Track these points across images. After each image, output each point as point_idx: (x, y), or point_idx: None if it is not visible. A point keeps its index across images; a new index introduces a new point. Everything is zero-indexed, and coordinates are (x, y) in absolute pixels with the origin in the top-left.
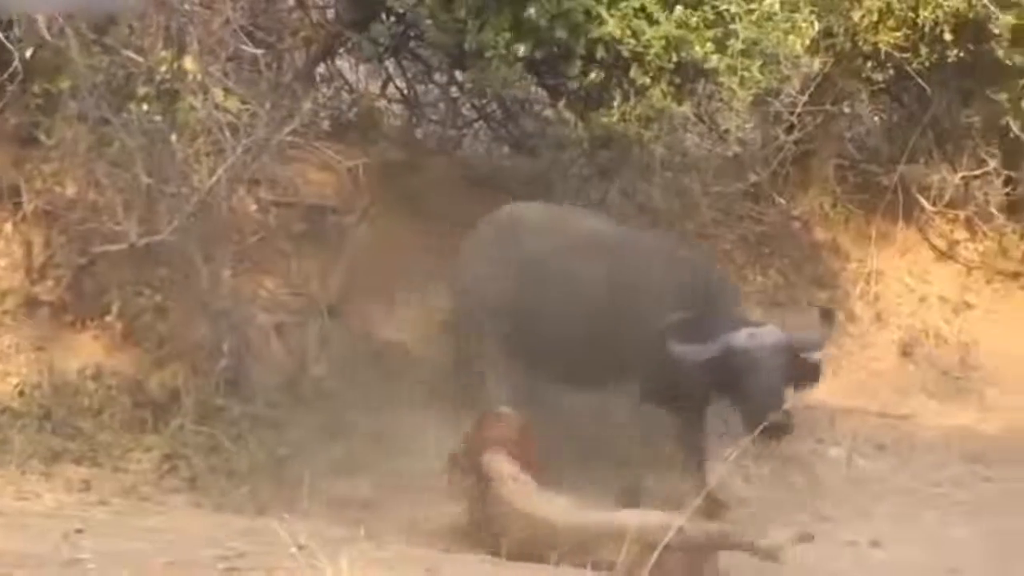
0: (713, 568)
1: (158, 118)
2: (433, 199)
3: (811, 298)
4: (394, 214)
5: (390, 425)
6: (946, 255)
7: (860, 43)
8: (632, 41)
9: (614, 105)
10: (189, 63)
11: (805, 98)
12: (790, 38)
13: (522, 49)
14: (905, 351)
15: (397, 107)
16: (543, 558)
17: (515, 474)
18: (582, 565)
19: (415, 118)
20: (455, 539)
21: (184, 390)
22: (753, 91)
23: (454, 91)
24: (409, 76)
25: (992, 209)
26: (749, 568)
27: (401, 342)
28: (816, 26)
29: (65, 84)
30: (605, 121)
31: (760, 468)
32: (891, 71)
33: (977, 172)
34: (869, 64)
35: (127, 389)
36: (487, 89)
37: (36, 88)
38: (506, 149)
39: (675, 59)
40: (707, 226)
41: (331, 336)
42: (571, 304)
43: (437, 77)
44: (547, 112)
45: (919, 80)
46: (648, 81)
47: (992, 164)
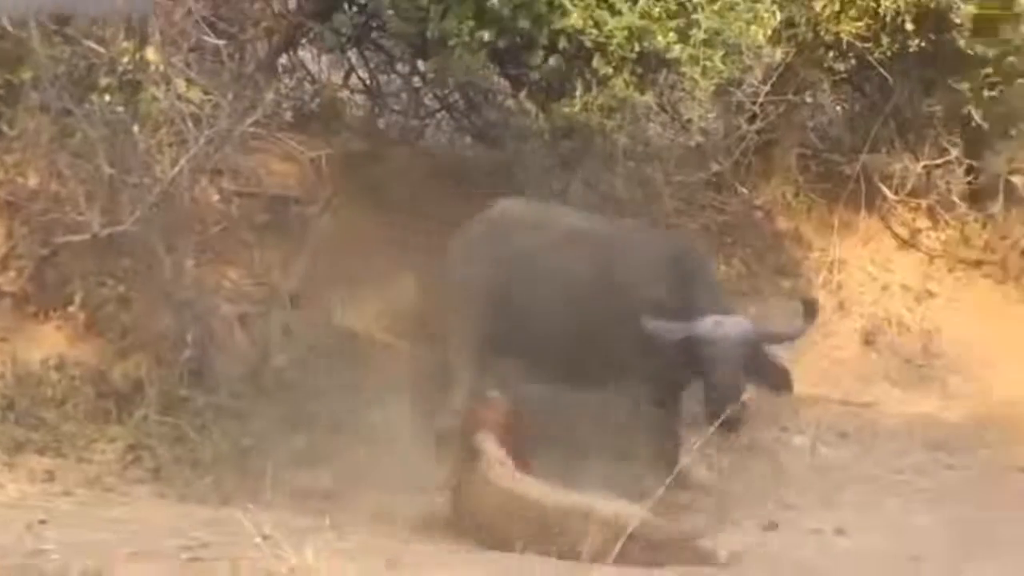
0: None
1: (120, 109)
2: (395, 190)
3: (775, 287)
4: (357, 205)
5: (353, 415)
6: (908, 244)
7: (822, 33)
8: (595, 31)
9: (576, 95)
10: (151, 54)
11: (767, 88)
12: (752, 28)
13: (487, 35)
14: (868, 339)
15: (359, 97)
16: (509, 546)
17: (502, 458)
18: (547, 553)
19: (377, 108)
20: (417, 529)
21: (148, 380)
22: (715, 81)
23: (416, 81)
24: (371, 66)
25: (954, 198)
26: None
27: (363, 333)
28: (778, 16)
29: (27, 75)
30: (567, 111)
31: (724, 457)
32: (853, 61)
33: (939, 161)
34: (831, 54)
35: (90, 379)
36: (450, 79)
37: None
38: (468, 140)
39: (637, 49)
40: (670, 216)
41: (294, 326)
42: (559, 299)
43: (399, 67)
44: (509, 103)
45: (881, 70)
46: (610, 71)
47: (954, 153)
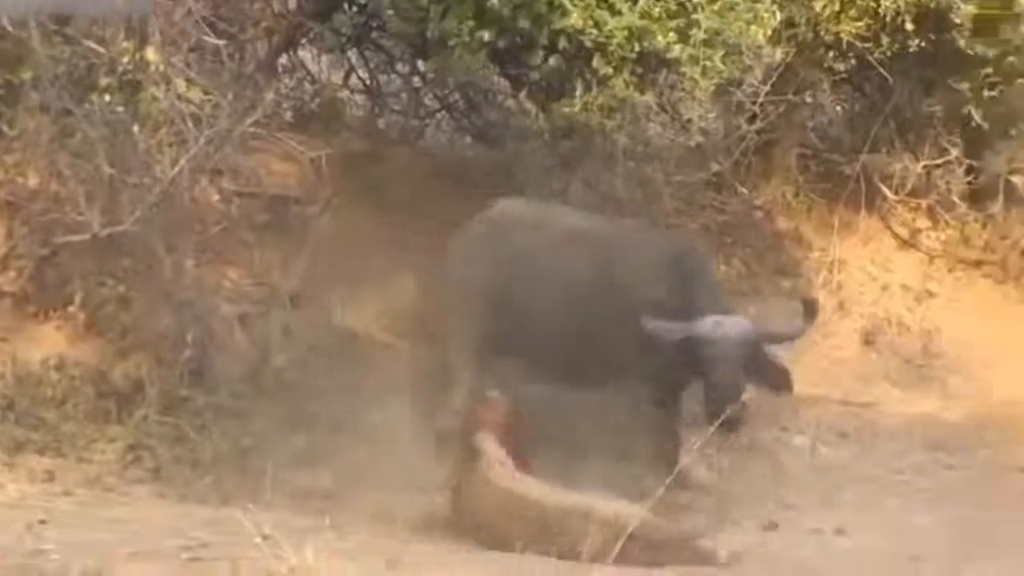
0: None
1: (120, 109)
2: (395, 190)
3: (775, 287)
4: (356, 205)
5: (353, 415)
6: (908, 244)
7: (822, 33)
8: (595, 31)
9: (576, 95)
10: (151, 54)
11: (767, 88)
12: (752, 28)
13: (487, 35)
14: (868, 339)
15: (359, 97)
16: (509, 546)
17: (502, 458)
18: (547, 553)
19: (377, 108)
20: (417, 529)
21: (148, 380)
22: (715, 81)
23: (416, 81)
24: (371, 66)
25: (954, 198)
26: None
27: (363, 333)
28: (778, 16)
29: (27, 75)
30: (567, 111)
31: (724, 457)
32: (853, 61)
33: (939, 161)
34: (831, 54)
35: (90, 379)
36: (450, 79)
37: None
38: (468, 139)
39: (637, 49)
40: (670, 216)
41: (294, 326)
42: (559, 299)
43: (399, 67)
44: (509, 103)
45: (881, 70)
46: (610, 71)
47: (954, 153)
